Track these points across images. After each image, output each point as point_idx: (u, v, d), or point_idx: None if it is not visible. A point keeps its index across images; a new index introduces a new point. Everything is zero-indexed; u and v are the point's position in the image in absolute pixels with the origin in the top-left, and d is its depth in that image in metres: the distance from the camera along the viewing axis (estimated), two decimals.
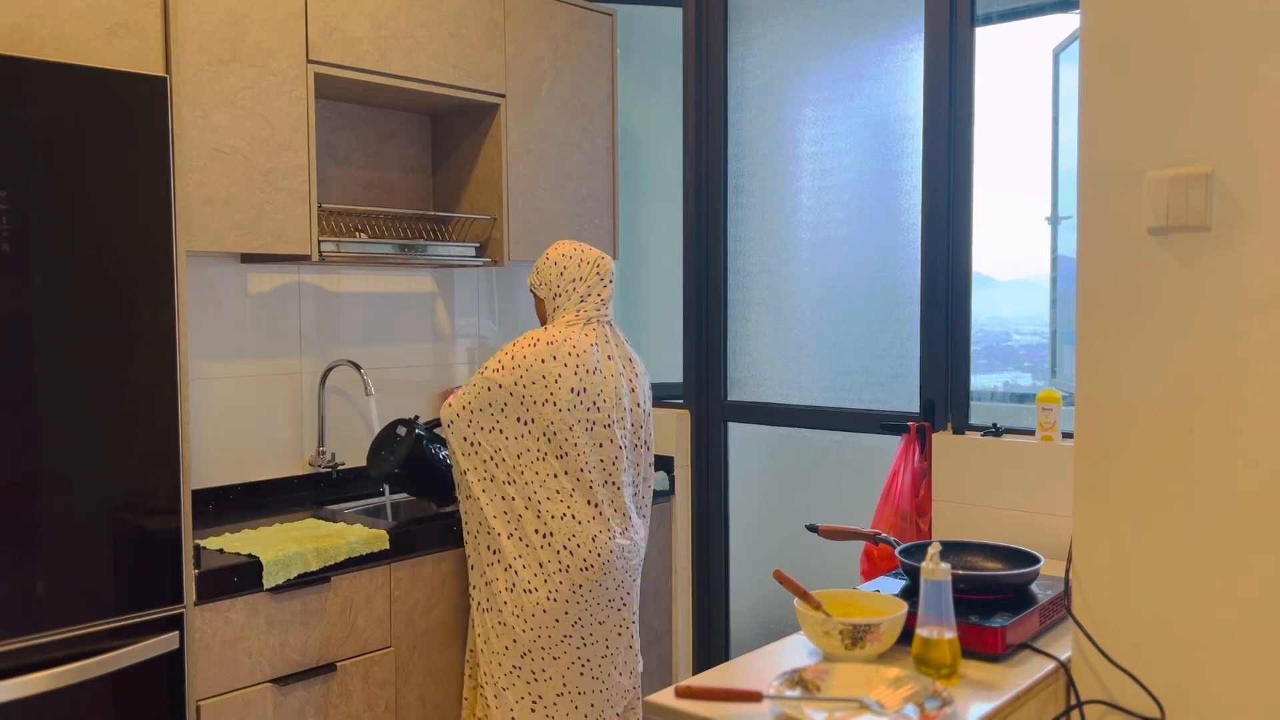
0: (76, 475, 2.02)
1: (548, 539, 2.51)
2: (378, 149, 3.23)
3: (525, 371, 2.51)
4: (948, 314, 2.81)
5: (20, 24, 2.01)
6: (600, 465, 2.58)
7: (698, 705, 1.66)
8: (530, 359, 2.52)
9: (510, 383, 2.51)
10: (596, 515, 2.55)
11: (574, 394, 2.53)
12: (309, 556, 2.40)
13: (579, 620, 2.54)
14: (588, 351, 2.57)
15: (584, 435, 2.54)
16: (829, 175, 3.14)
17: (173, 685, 2.16)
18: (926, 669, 1.74)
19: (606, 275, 2.69)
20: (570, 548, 2.51)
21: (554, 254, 2.68)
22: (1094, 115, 1.68)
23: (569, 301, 2.64)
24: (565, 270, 2.66)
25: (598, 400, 2.57)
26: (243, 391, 2.93)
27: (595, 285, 2.66)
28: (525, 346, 2.54)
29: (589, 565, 2.53)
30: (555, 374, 2.52)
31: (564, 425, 2.51)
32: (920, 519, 2.76)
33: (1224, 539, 1.58)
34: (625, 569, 2.62)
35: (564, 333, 2.58)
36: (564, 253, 2.68)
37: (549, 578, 2.51)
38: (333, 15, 2.72)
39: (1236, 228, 1.55)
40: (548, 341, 2.54)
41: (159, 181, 2.12)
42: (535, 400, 2.50)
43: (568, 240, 2.72)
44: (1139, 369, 1.64)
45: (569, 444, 2.52)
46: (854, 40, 3.09)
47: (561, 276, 2.65)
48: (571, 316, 2.63)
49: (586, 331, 2.61)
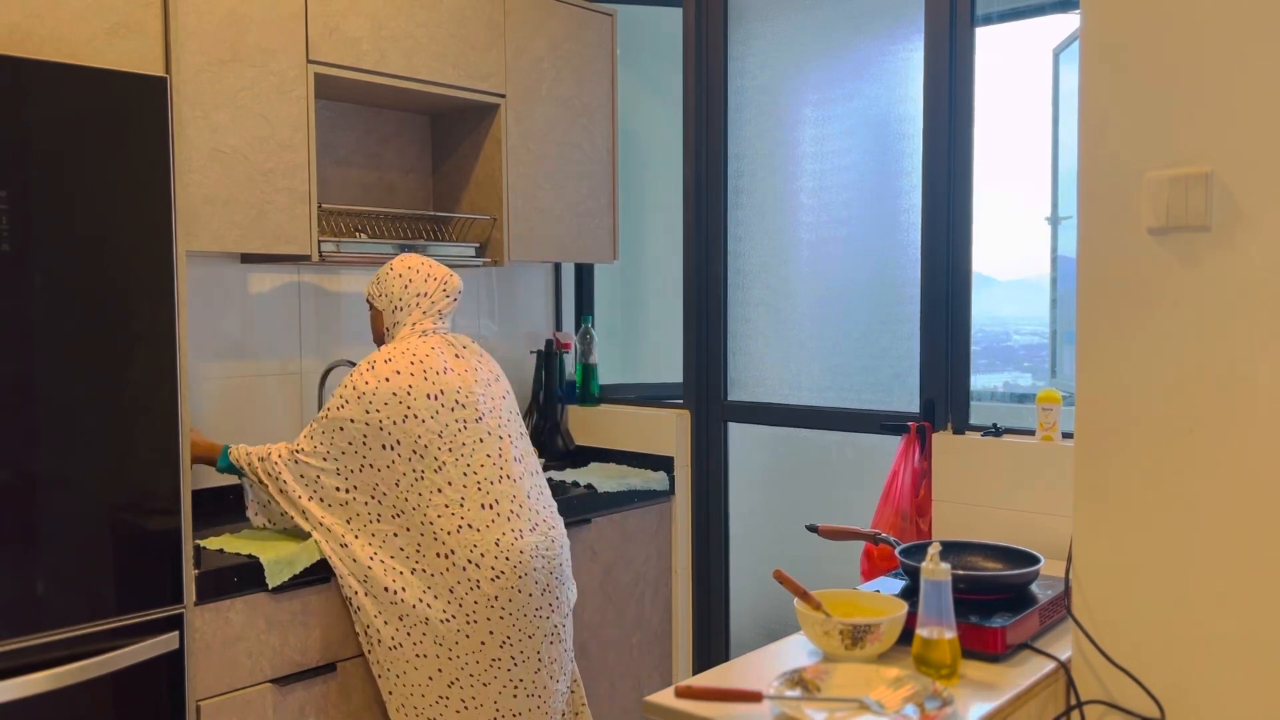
0: (76, 475, 2.02)
1: (450, 558, 2.37)
2: (378, 149, 3.23)
3: (372, 397, 2.39)
4: (948, 314, 2.81)
5: (20, 24, 2.01)
6: (488, 460, 2.45)
7: (698, 705, 1.66)
8: (373, 383, 2.40)
9: (360, 414, 2.38)
10: (495, 517, 2.41)
11: (431, 399, 2.41)
12: (313, 550, 2.40)
13: (506, 639, 2.40)
14: (431, 355, 2.47)
15: (457, 436, 2.42)
16: (829, 175, 3.14)
17: (173, 685, 2.16)
18: (926, 669, 1.74)
19: (454, 293, 2.59)
20: (475, 559, 2.37)
21: (399, 265, 2.58)
22: (1094, 115, 1.68)
23: (409, 316, 2.54)
24: (410, 284, 2.55)
25: (459, 397, 2.45)
26: (243, 391, 2.93)
27: (442, 302, 2.57)
28: (364, 373, 2.42)
29: (500, 573, 2.38)
30: (405, 387, 2.40)
31: (431, 434, 2.39)
32: (920, 519, 2.76)
33: (1224, 539, 1.58)
34: (546, 569, 2.47)
35: (400, 346, 2.47)
36: (410, 265, 2.58)
37: (463, 601, 2.37)
38: (333, 15, 2.72)
39: (1236, 228, 1.55)
40: (385, 360, 2.43)
41: (159, 181, 2.12)
42: (393, 420, 2.38)
43: (415, 254, 2.63)
44: (1139, 369, 1.64)
45: (444, 451, 2.40)
46: (854, 40, 3.09)
47: (406, 290, 2.55)
48: (406, 331, 2.53)
49: (425, 341, 2.50)
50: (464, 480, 2.41)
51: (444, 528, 2.38)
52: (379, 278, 2.59)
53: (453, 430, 2.42)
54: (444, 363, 2.47)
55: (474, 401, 2.47)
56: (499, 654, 2.41)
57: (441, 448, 2.40)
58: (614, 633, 3.19)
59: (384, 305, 2.57)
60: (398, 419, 2.38)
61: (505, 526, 2.42)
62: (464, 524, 2.39)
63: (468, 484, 2.41)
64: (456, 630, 2.38)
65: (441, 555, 2.38)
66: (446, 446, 2.41)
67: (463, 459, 2.42)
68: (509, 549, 2.41)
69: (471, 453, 2.44)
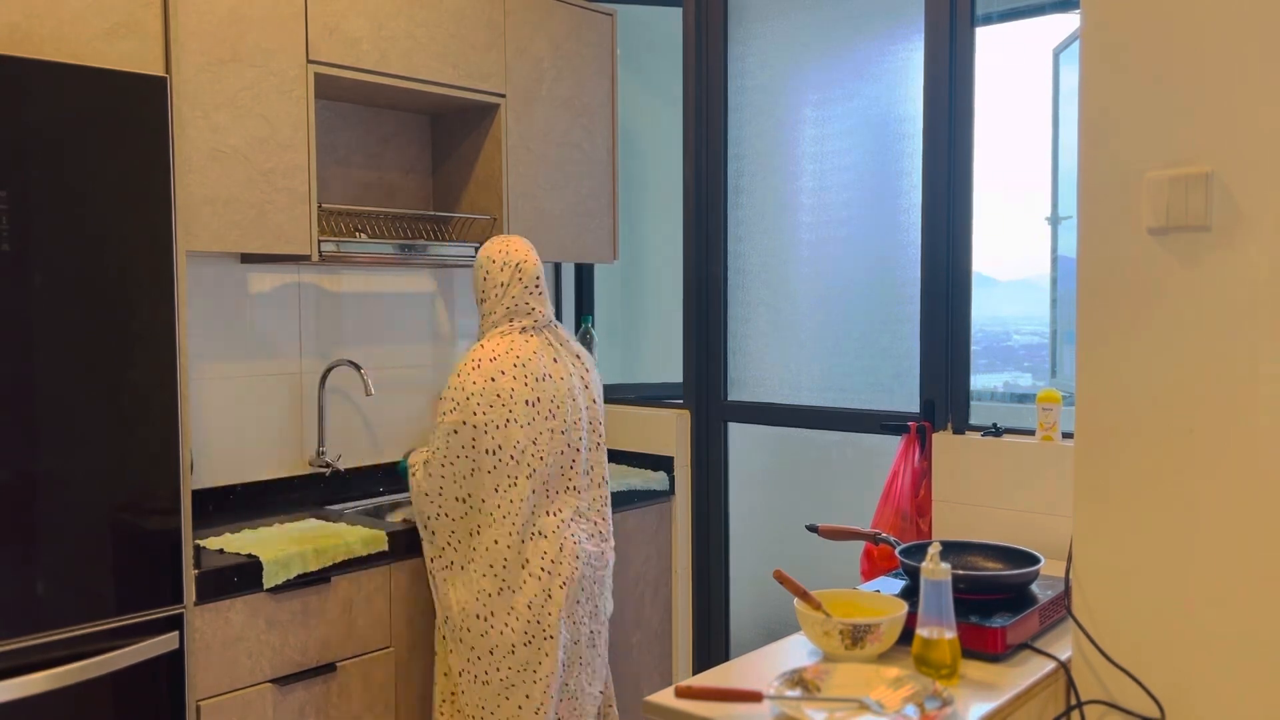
0: (76, 475, 2.02)
1: (525, 563, 2.47)
2: (378, 149, 3.23)
3: (480, 399, 2.44)
4: (948, 314, 2.81)
5: (20, 24, 2.01)
6: (560, 473, 2.54)
7: (698, 705, 1.66)
8: (479, 383, 2.45)
9: (470, 415, 2.44)
10: (560, 524, 2.51)
11: (529, 405, 2.47)
12: (308, 556, 2.40)
13: (552, 637, 2.49)
14: (533, 359, 2.51)
15: (547, 445, 2.49)
16: (829, 175, 3.14)
17: (173, 685, 2.16)
18: (926, 669, 1.74)
19: (530, 281, 2.58)
20: (545, 565, 2.48)
21: (480, 256, 2.62)
22: (1094, 115, 1.67)
23: (497, 306, 2.57)
24: (489, 274, 2.59)
25: (551, 407, 2.51)
26: (243, 391, 2.93)
27: (521, 294, 2.57)
28: (470, 372, 2.46)
29: (566, 580, 2.49)
30: (509, 390, 2.45)
31: (528, 440, 2.46)
32: (920, 519, 2.76)
33: (1224, 539, 1.58)
34: (593, 578, 2.58)
35: (503, 344, 2.50)
36: (488, 254, 2.60)
37: (531, 602, 2.46)
38: (333, 15, 2.72)
39: (1236, 228, 1.55)
40: (490, 359, 2.47)
41: (159, 181, 2.12)
42: (495, 424, 2.44)
43: (500, 237, 2.64)
44: (1139, 369, 1.64)
45: (535, 458, 2.47)
46: (854, 40, 3.09)
47: (485, 281, 2.59)
48: (506, 327, 2.56)
49: (527, 340, 2.54)
50: (545, 488, 2.51)
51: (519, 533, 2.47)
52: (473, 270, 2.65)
53: (544, 439, 2.49)
54: (544, 368, 2.53)
55: (563, 413, 2.54)
56: (549, 650, 2.49)
57: (535, 454, 2.48)
58: (614, 633, 3.19)
59: (475, 297, 2.65)
60: (500, 423, 2.45)
61: (569, 533, 2.53)
62: (537, 532, 2.49)
63: (546, 492, 2.51)
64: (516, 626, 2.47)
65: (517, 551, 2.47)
66: (539, 454, 2.49)
67: (548, 467, 2.51)
68: (570, 556, 2.51)
69: (554, 462, 2.52)
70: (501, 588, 2.46)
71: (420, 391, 3.37)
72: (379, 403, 3.25)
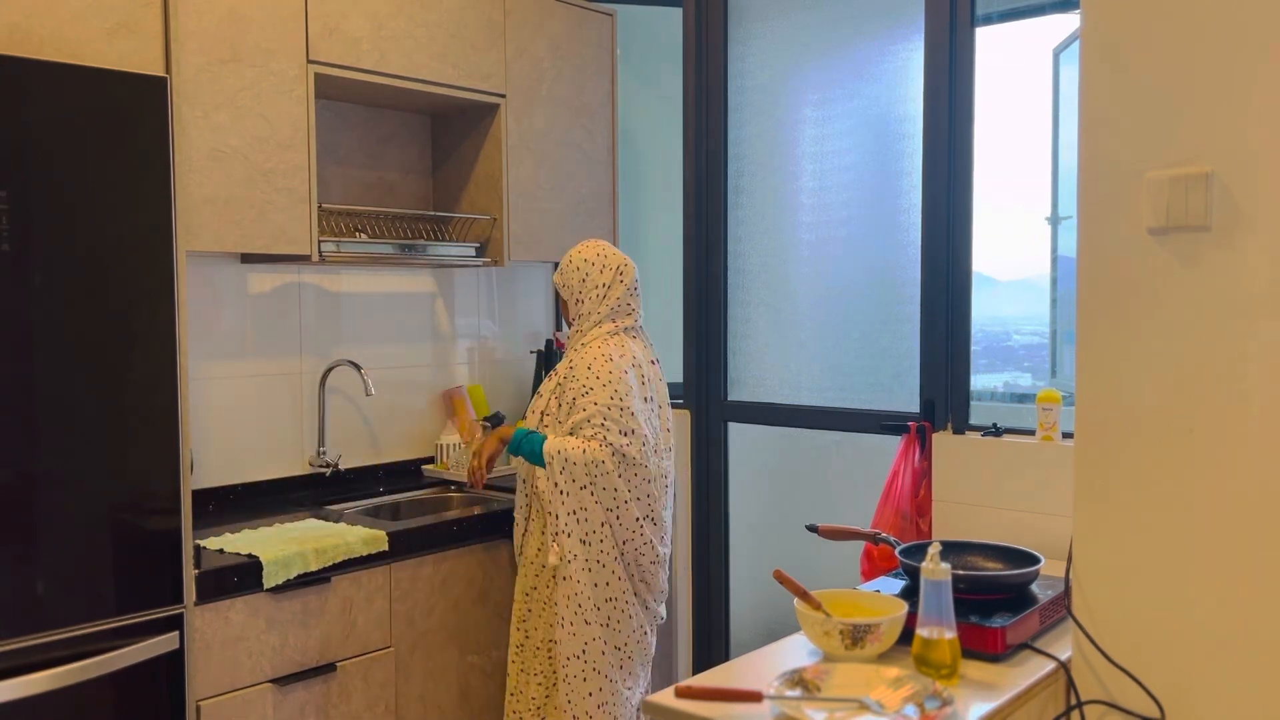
0: (76, 475, 2.02)
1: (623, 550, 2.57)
2: (378, 149, 3.23)
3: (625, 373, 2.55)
4: (948, 314, 2.81)
5: (20, 24, 2.01)
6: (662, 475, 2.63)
7: (698, 705, 1.66)
8: (622, 364, 2.55)
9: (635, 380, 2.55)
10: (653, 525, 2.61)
11: (645, 401, 2.59)
12: (309, 556, 2.40)
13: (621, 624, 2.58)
14: (639, 360, 2.62)
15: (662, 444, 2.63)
16: (829, 175, 3.14)
17: (173, 685, 2.16)
18: (926, 669, 1.74)
19: (632, 283, 2.70)
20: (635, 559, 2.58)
21: (577, 257, 2.69)
22: (1094, 115, 1.67)
23: (595, 307, 2.65)
24: (587, 277, 2.66)
25: (652, 406, 2.63)
26: (243, 391, 2.93)
27: (624, 296, 2.68)
28: (611, 360, 2.55)
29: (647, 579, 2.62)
30: (637, 381, 2.57)
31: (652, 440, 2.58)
32: (920, 519, 2.76)
33: (1224, 539, 1.57)
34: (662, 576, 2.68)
35: (615, 345, 2.59)
36: (586, 257, 2.68)
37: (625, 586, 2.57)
38: (333, 15, 2.72)
39: (1236, 228, 1.55)
40: (619, 354, 2.57)
41: (159, 181, 2.12)
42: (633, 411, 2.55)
43: (595, 241, 2.73)
44: (1139, 369, 1.64)
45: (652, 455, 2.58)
46: (854, 40, 3.09)
47: (584, 283, 2.66)
48: (611, 326, 2.65)
49: (634, 342, 2.65)
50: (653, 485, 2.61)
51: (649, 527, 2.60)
52: (561, 267, 2.71)
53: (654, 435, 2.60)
54: (645, 370, 2.63)
55: (659, 411, 2.65)
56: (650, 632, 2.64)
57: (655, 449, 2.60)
58: None
59: (568, 295, 2.69)
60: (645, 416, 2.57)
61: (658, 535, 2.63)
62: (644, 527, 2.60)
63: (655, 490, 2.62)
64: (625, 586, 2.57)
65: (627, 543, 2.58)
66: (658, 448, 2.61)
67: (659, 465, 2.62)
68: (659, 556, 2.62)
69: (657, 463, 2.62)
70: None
71: (420, 391, 3.37)
72: (379, 403, 3.25)
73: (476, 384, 3.53)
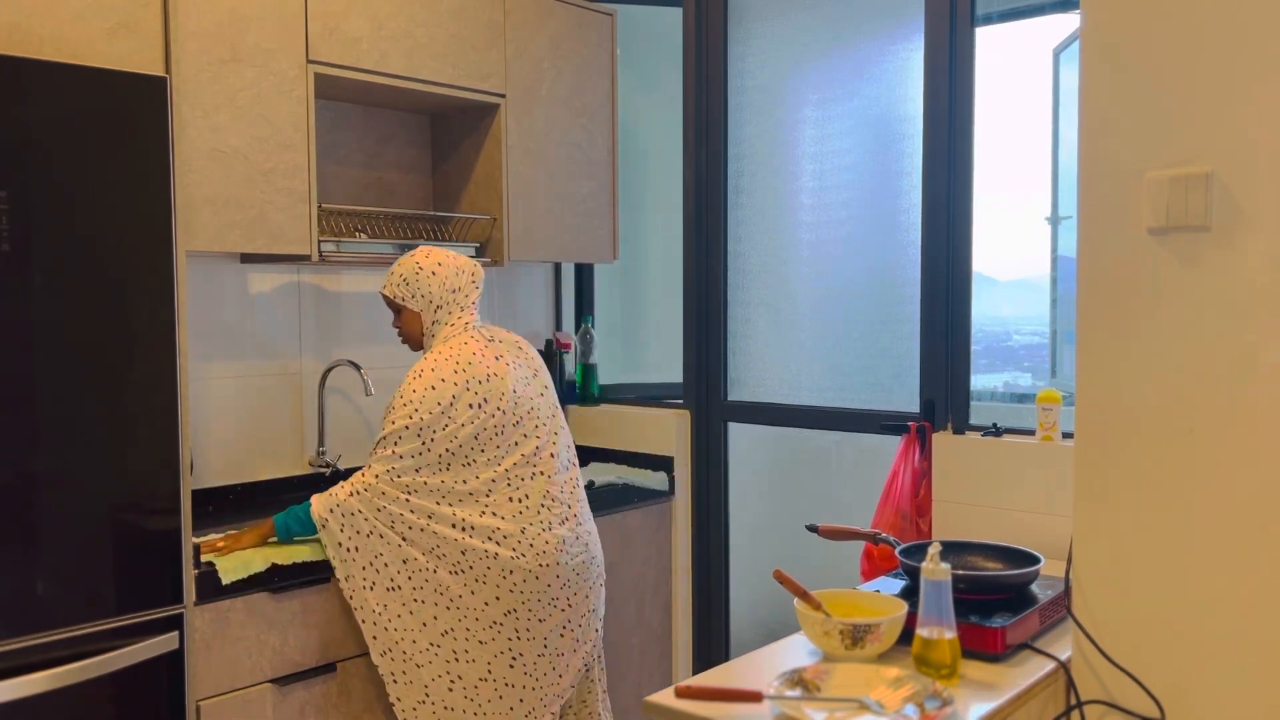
0: (76, 475, 2.02)
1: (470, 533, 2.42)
2: (378, 149, 3.23)
3: (419, 404, 2.40)
4: (948, 314, 2.81)
5: (20, 24, 2.01)
6: (522, 459, 2.48)
7: (698, 705, 1.66)
8: (420, 391, 2.41)
9: (407, 419, 2.40)
10: (524, 510, 2.46)
11: (473, 408, 2.43)
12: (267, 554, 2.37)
13: (513, 610, 2.45)
14: (474, 361, 2.47)
15: (493, 439, 2.45)
16: (829, 175, 3.14)
17: (173, 685, 2.16)
18: (926, 669, 1.74)
19: (480, 282, 2.60)
20: (497, 540, 2.43)
21: (428, 263, 2.54)
22: (1094, 115, 1.67)
23: (449, 315, 2.55)
24: (446, 280, 2.54)
25: (500, 403, 2.46)
26: (243, 391, 2.93)
27: (471, 293, 2.58)
28: (411, 383, 2.43)
29: (520, 554, 2.43)
30: (449, 397, 2.41)
31: (467, 435, 2.42)
32: (920, 519, 2.76)
33: (1224, 539, 1.58)
34: (571, 564, 2.51)
35: (445, 353, 2.47)
36: (440, 261, 2.55)
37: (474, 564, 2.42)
38: (333, 15, 2.72)
39: (1236, 228, 1.55)
40: (431, 368, 2.44)
41: (159, 181, 2.12)
42: (432, 428, 2.40)
43: (431, 247, 2.60)
44: (1139, 369, 1.64)
45: (476, 451, 2.43)
46: (854, 40, 3.09)
47: (443, 287, 2.54)
48: (448, 331, 2.53)
49: (467, 346, 2.49)
50: (492, 475, 2.45)
51: (463, 515, 2.42)
52: (406, 278, 2.54)
53: (489, 432, 2.45)
54: (487, 369, 2.48)
55: (511, 406, 2.50)
56: (503, 620, 2.45)
57: (474, 447, 2.44)
58: (614, 633, 3.19)
59: (421, 306, 2.54)
60: (438, 427, 2.41)
61: (533, 518, 2.47)
62: (486, 510, 2.44)
63: (496, 479, 2.46)
64: (462, 585, 2.43)
65: (458, 527, 2.42)
66: (480, 446, 2.45)
67: (495, 458, 2.47)
68: (534, 538, 2.46)
69: (505, 454, 2.48)
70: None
71: None
72: (379, 403, 3.25)
73: None
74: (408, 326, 2.59)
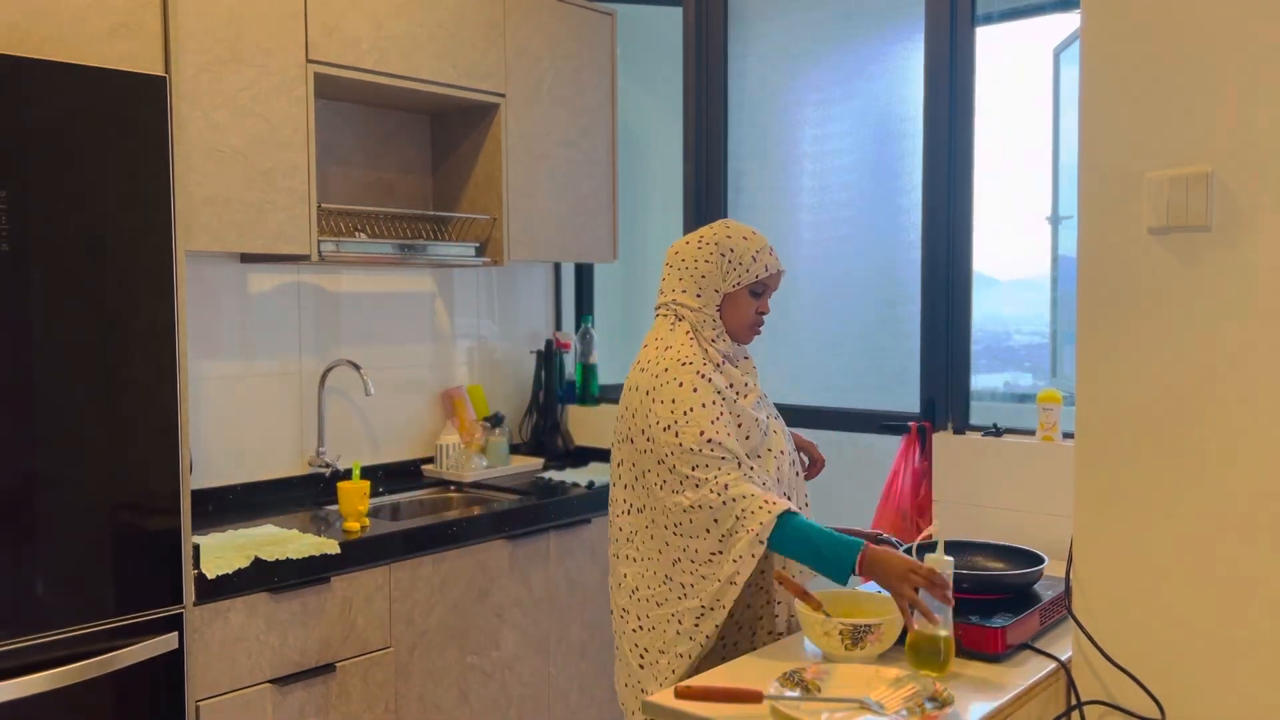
0: (76, 475, 2.02)
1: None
2: (378, 149, 3.23)
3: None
4: (948, 314, 2.81)
5: (20, 24, 2.01)
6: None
7: (698, 705, 1.66)
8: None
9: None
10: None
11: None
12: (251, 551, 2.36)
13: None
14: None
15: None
16: (829, 175, 3.14)
17: (172, 685, 2.16)
18: (916, 658, 1.75)
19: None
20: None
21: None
22: (1094, 115, 1.67)
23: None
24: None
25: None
26: (243, 391, 2.93)
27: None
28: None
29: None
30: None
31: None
32: (920, 519, 2.76)
33: (1224, 539, 1.57)
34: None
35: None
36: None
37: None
38: (333, 15, 2.72)
39: (1236, 228, 1.55)
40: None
41: (159, 181, 2.12)
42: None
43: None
44: (1139, 369, 1.64)
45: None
46: (854, 40, 3.09)
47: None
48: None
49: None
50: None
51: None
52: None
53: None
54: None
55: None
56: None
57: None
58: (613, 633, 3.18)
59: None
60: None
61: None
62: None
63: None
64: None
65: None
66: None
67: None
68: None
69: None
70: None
71: (420, 391, 3.37)
72: (379, 403, 3.25)
73: (476, 384, 3.52)
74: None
